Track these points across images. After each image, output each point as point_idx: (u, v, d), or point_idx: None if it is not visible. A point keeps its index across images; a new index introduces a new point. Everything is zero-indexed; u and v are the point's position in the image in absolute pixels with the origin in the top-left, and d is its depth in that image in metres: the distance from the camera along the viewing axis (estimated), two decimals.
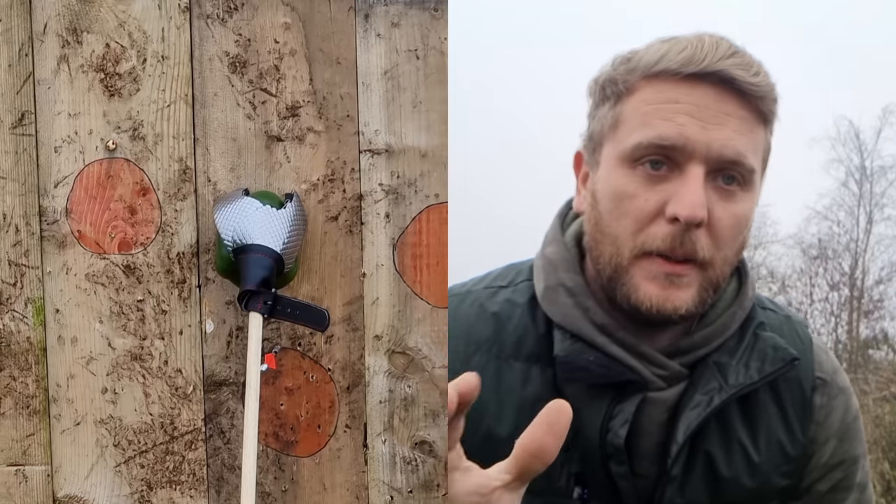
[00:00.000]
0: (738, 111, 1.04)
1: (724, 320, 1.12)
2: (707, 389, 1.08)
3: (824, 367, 1.16)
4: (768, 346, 1.11)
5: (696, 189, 1.01)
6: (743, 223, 1.06)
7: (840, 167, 8.39)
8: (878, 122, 8.36)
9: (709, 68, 1.02)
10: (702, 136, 1.02)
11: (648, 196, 1.04)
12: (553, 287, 1.13)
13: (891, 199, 8.16)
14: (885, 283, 8.10)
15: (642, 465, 1.10)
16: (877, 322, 8.12)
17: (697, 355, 1.11)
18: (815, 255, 8.27)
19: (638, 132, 1.05)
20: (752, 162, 1.05)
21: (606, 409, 1.08)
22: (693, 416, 1.07)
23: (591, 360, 1.08)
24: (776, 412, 1.13)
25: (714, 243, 1.04)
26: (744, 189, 1.05)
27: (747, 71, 1.03)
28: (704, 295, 1.06)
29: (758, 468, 1.11)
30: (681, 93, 1.04)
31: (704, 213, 1.01)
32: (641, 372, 1.08)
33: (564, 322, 1.11)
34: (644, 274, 1.04)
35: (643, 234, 1.04)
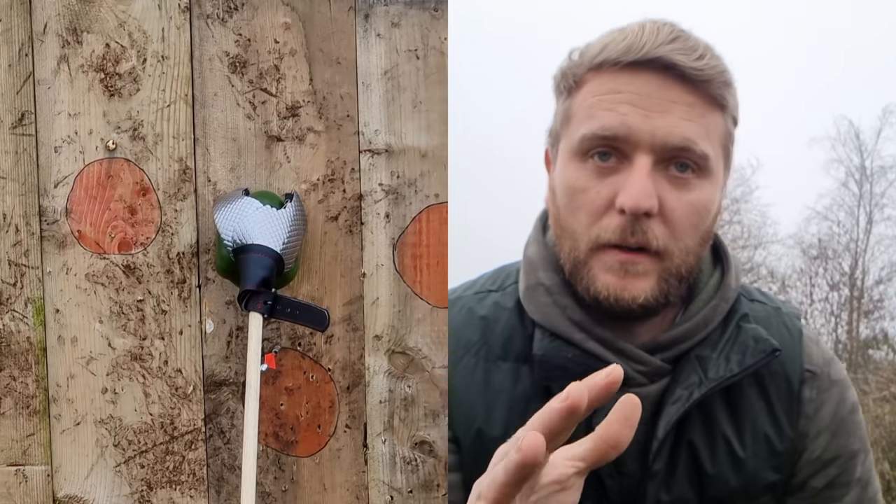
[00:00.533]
0: (683, 97, 1.02)
1: (705, 313, 1.10)
2: (688, 384, 1.07)
3: (814, 359, 1.14)
4: (749, 339, 1.09)
5: (639, 179, 1.00)
6: (701, 211, 1.04)
7: (840, 167, 8.37)
8: (878, 122, 8.35)
9: (649, 55, 1.01)
10: (645, 124, 1.01)
11: (599, 189, 1.03)
12: (532, 286, 1.13)
13: (891, 199, 8.15)
14: (885, 283, 8.09)
15: (627, 463, 1.09)
16: (877, 322, 8.10)
17: (680, 349, 1.09)
18: (815, 255, 8.26)
19: (584, 125, 1.04)
20: (704, 148, 1.02)
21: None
22: (673, 412, 1.06)
23: (568, 357, 1.08)
24: (762, 406, 1.11)
25: (669, 233, 1.03)
26: (699, 176, 1.03)
27: (689, 56, 1.01)
28: (665, 285, 1.04)
29: (743, 463, 1.09)
30: (622, 82, 1.02)
31: (651, 203, 1.00)
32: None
33: (543, 321, 1.11)
34: (601, 265, 1.04)
35: (597, 226, 1.03)
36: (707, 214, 1.05)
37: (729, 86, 1.05)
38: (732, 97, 1.06)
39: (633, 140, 1.01)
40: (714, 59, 1.03)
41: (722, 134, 1.06)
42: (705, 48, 1.04)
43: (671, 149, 1.02)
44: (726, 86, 1.04)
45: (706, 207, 1.05)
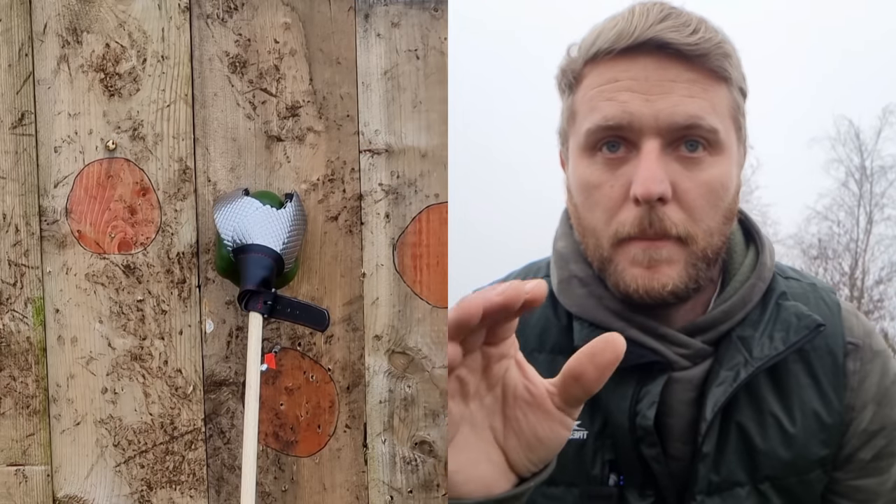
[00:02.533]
0: (683, 74, 1.00)
1: (743, 293, 1.09)
2: (732, 364, 1.06)
3: (855, 331, 1.13)
4: (791, 316, 1.09)
5: (648, 165, 0.99)
6: (718, 189, 1.03)
7: (840, 167, 8.38)
8: (878, 122, 8.36)
9: (641, 38, 1.00)
10: (647, 108, 0.99)
11: (612, 182, 1.02)
12: (566, 279, 1.12)
13: (891, 199, 8.16)
14: (885, 283, 8.10)
15: (675, 447, 1.09)
16: (877, 322, 8.13)
17: (720, 331, 1.08)
18: (815, 255, 8.27)
19: (587, 119, 1.03)
20: (712, 122, 1.01)
21: (633, 392, 1.06)
22: (720, 393, 1.05)
23: None
24: (809, 382, 1.10)
25: (688, 216, 1.01)
26: (712, 153, 1.02)
27: (682, 32, 1.00)
28: (693, 270, 1.03)
29: (794, 439, 1.09)
30: (619, 69, 1.01)
31: (662, 188, 0.99)
32: (663, 352, 1.06)
33: (581, 312, 1.10)
34: (626, 259, 1.03)
35: (615, 221, 1.03)
36: (725, 191, 1.04)
37: (729, 56, 1.03)
38: (735, 68, 1.04)
39: (637, 126, 1.00)
40: (709, 32, 1.02)
41: (729, 106, 1.04)
42: (699, 21, 1.02)
43: (678, 128, 1.00)
44: (725, 57, 1.02)
45: (723, 184, 1.03)
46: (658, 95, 1.00)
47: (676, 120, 1.00)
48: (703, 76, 1.01)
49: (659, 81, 1.00)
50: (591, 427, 1.08)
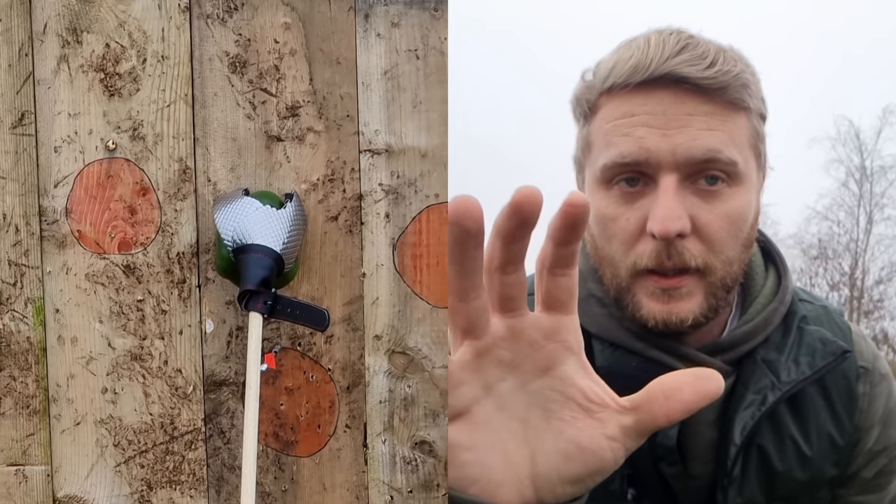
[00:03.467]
0: (700, 107, 0.99)
1: (765, 315, 1.09)
2: (759, 388, 1.06)
3: (865, 355, 1.14)
4: (816, 341, 1.09)
5: (665, 202, 0.98)
6: (738, 221, 1.02)
7: (840, 167, 8.38)
8: (878, 122, 8.36)
9: (657, 72, 0.98)
10: (664, 143, 0.98)
11: (629, 215, 1.02)
12: (584, 299, 1.11)
13: (891, 199, 8.16)
14: (885, 283, 8.10)
15: (695, 466, 1.09)
16: (877, 322, 8.12)
17: (741, 351, 1.08)
18: (815, 255, 8.27)
19: (603, 153, 1.02)
20: (730, 154, 0.99)
21: None
22: (748, 416, 1.05)
23: (633, 366, 1.06)
24: (824, 405, 1.10)
25: (707, 248, 1.01)
26: (731, 185, 1.01)
27: (699, 65, 0.98)
28: (712, 300, 1.03)
29: (810, 461, 1.09)
30: (636, 104, 1.00)
31: (680, 225, 0.98)
32: None
33: (601, 332, 1.09)
34: (644, 291, 1.02)
35: (633, 253, 1.02)
36: (744, 222, 1.03)
37: (747, 87, 1.01)
38: (754, 97, 1.03)
39: (654, 162, 0.99)
40: (727, 63, 1.00)
41: (749, 135, 1.03)
42: (717, 52, 1.00)
43: (696, 163, 0.99)
44: (744, 87, 1.01)
45: (742, 216, 1.02)
46: (675, 130, 0.98)
47: (694, 154, 0.98)
48: (721, 108, 1.00)
49: (676, 116, 0.98)
50: None
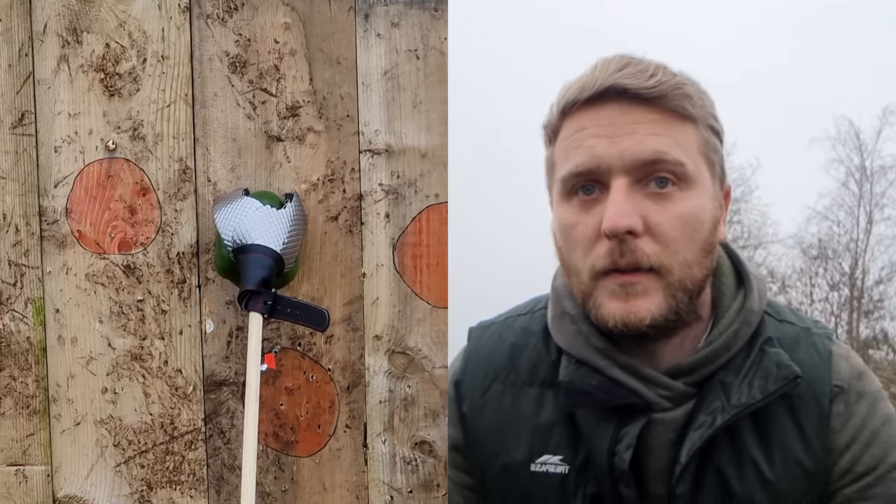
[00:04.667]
0: (645, 116, 1.05)
1: (726, 338, 1.11)
2: (711, 409, 1.08)
3: (842, 374, 1.13)
4: (773, 364, 1.10)
5: (616, 201, 1.03)
6: (692, 222, 1.05)
7: (840, 167, 8.38)
8: (878, 122, 8.36)
9: (602, 87, 1.05)
10: (612, 149, 1.04)
11: (586, 221, 1.07)
12: (559, 315, 1.16)
13: (891, 199, 8.16)
14: (885, 283, 8.10)
15: (655, 486, 1.11)
16: (877, 322, 8.12)
17: (703, 374, 1.10)
18: (815, 255, 8.27)
19: (562, 168, 1.09)
20: (677, 156, 1.04)
21: (613, 432, 1.09)
22: (696, 437, 1.07)
23: (593, 384, 1.09)
24: (793, 428, 1.11)
25: (662, 248, 1.04)
26: (682, 188, 1.05)
27: (639, 77, 1.05)
28: (672, 301, 1.05)
29: (771, 485, 1.09)
30: (587, 119, 1.07)
31: (629, 222, 1.02)
32: (644, 394, 1.09)
33: (569, 348, 1.13)
34: (604, 293, 1.06)
35: (591, 256, 1.06)
36: (699, 224, 1.06)
37: (689, 97, 1.07)
38: (699, 107, 1.08)
39: (604, 167, 1.05)
40: (667, 75, 1.06)
41: (697, 143, 1.08)
42: (656, 67, 1.07)
43: (643, 164, 1.04)
44: (686, 97, 1.06)
45: (695, 217, 1.06)
46: (622, 137, 1.04)
47: (641, 156, 1.04)
48: (665, 116, 1.06)
49: (623, 125, 1.05)
50: (574, 462, 1.12)
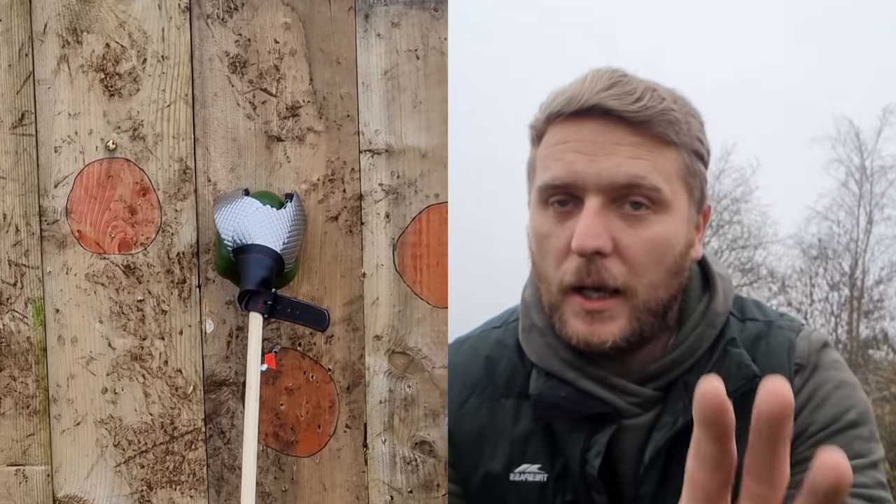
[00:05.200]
0: (626, 138, 1.05)
1: (691, 341, 1.12)
2: (674, 410, 1.10)
3: (800, 352, 1.15)
4: (733, 364, 1.11)
5: (586, 221, 1.04)
6: (661, 246, 1.06)
7: (840, 167, 8.38)
8: (878, 122, 8.36)
9: (587, 104, 1.05)
10: (590, 168, 1.05)
11: (559, 234, 1.07)
12: (528, 328, 1.17)
13: (891, 199, 8.16)
14: (885, 283, 8.09)
15: (628, 489, 1.13)
16: (877, 322, 8.11)
17: (669, 378, 1.11)
18: (815, 255, 8.27)
19: (540, 176, 1.09)
20: (654, 181, 1.05)
21: (584, 440, 1.10)
22: (659, 438, 1.09)
23: (562, 396, 1.11)
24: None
25: (629, 270, 1.05)
26: (656, 212, 1.06)
27: (625, 100, 1.05)
28: (636, 324, 1.06)
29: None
30: (569, 132, 1.07)
31: (598, 243, 1.03)
32: (614, 402, 1.10)
33: (538, 360, 1.15)
34: (571, 310, 1.07)
35: (560, 269, 1.07)
36: (668, 248, 1.07)
37: (674, 123, 1.07)
38: (683, 133, 1.08)
39: (580, 185, 1.05)
40: (653, 100, 1.06)
41: (677, 169, 1.08)
42: (644, 90, 1.07)
43: (618, 187, 1.05)
44: (670, 124, 1.06)
45: (666, 241, 1.06)
46: (602, 157, 1.05)
47: (617, 179, 1.04)
48: (647, 140, 1.06)
49: (603, 144, 1.06)
50: (552, 471, 1.14)
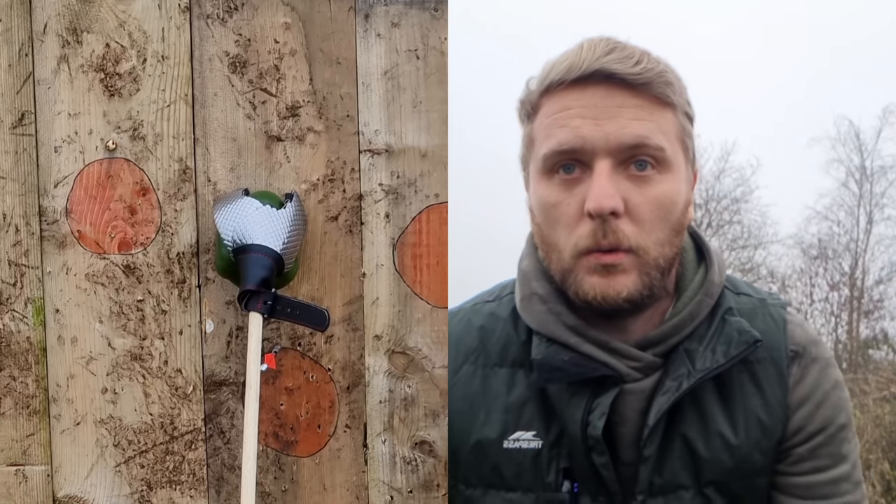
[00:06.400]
0: (629, 101, 1.09)
1: (691, 308, 1.16)
2: (676, 375, 1.14)
3: (797, 339, 1.21)
4: (734, 331, 1.16)
5: (600, 182, 1.07)
6: (667, 204, 1.10)
7: (840, 167, 8.37)
8: (878, 122, 8.34)
9: (589, 69, 1.09)
10: (597, 131, 1.08)
11: (569, 200, 1.10)
12: (527, 297, 1.20)
13: (891, 199, 8.15)
14: (885, 283, 8.08)
15: (627, 453, 1.16)
16: (877, 322, 8.10)
17: (670, 344, 1.16)
18: (815, 255, 8.26)
19: (544, 145, 1.12)
20: (658, 141, 1.09)
21: (586, 403, 1.13)
22: (663, 401, 1.13)
23: (565, 360, 1.14)
24: (754, 391, 1.18)
25: (639, 229, 1.09)
26: (661, 171, 1.10)
27: (626, 63, 1.09)
28: (647, 279, 1.10)
29: (736, 448, 1.16)
30: (572, 98, 1.10)
31: (614, 203, 1.07)
32: (615, 366, 1.14)
33: (540, 327, 1.17)
34: (585, 269, 1.10)
35: (574, 235, 1.10)
36: (673, 206, 1.11)
37: (671, 84, 1.11)
38: (678, 95, 1.13)
39: (589, 149, 1.08)
40: (651, 63, 1.11)
41: (676, 129, 1.13)
42: (642, 54, 1.11)
43: (627, 148, 1.08)
44: (668, 85, 1.11)
45: (671, 199, 1.11)
46: (607, 120, 1.09)
47: (625, 140, 1.08)
48: (648, 102, 1.10)
49: (607, 108, 1.09)
50: (547, 437, 1.16)
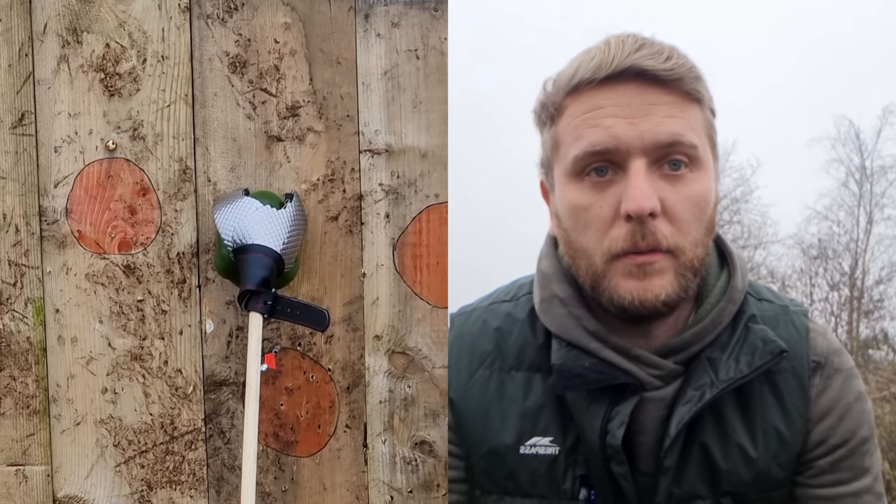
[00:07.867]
0: (661, 98, 1.07)
1: (714, 316, 1.14)
2: (699, 384, 1.11)
3: (819, 349, 1.18)
4: (758, 340, 1.13)
5: (638, 183, 1.05)
6: (701, 203, 1.09)
7: (840, 167, 8.37)
8: (878, 122, 8.34)
9: (620, 66, 1.06)
10: (631, 130, 1.05)
11: (601, 203, 1.07)
12: (547, 299, 1.17)
13: (891, 199, 8.15)
14: (885, 283, 8.09)
15: (645, 463, 1.14)
16: (877, 322, 8.11)
17: (691, 352, 1.13)
18: (815, 255, 8.26)
19: (574, 146, 1.09)
20: (692, 139, 1.07)
21: (605, 411, 1.11)
22: (685, 411, 1.10)
23: (586, 366, 1.11)
24: (773, 402, 1.15)
25: (676, 229, 1.07)
26: (693, 169, 1.08)
27: (657, 59, 1.07)
28: (683, 280, 1.08)
29: (755, 461, 1.13)
30: (602, 97, 1.08)
31: (653, 203, 1.04)
32: (636, 373, 1.11)
33: (560, 331, 1.15)
34: (620, 273, 1.07)
35: (607, 238, 1.07)
36: (707, 204, 1.09)
37: (700, 80, 1.10)
38: (706, 90, 1.11)
39: (623, 149, 1.06)
40: (681, 58, 1.09)
41: (704, 125, 1.11)
42: (671, 50, 1.09)
43: (662, 146, 1.06)
44: (697, 80, 1.09)
45: (705, 198, 1.09)
46: (641, 118, 1.06)
47: (660, 139, 1.06)
48: (679, 98, 1.08)
49: (640, 106, 1.06)
50: (564, 444, 1.14)
